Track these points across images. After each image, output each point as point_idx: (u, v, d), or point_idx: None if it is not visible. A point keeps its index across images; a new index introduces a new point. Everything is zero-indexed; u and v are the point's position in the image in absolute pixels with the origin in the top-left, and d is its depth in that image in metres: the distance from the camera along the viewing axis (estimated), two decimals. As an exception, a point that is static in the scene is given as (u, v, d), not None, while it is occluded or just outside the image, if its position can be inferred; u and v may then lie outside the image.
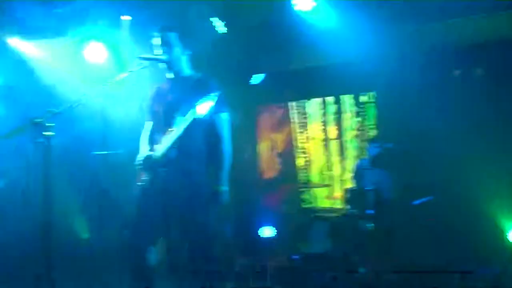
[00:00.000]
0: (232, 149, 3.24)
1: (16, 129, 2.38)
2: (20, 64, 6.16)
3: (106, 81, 2.86)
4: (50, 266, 2.44)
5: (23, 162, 5.56)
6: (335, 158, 6.72)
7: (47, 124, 2.47)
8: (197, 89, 3.16)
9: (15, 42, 6.20)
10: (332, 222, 5.09)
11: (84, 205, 6.04)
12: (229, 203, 3.24)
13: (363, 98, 6.48)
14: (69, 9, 5.52)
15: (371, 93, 6.40)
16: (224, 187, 3.15)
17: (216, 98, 3.00)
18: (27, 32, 6.00)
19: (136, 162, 3.22)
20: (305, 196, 5.72)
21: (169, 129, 3.09)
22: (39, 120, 2.45)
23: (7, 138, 2.41)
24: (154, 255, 3.18)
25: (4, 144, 5.12)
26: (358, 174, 5.72)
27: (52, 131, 2.49)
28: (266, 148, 7.47)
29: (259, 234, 6.66)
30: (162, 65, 3.24)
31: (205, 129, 3.14)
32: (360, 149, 6.33)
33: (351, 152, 6.58)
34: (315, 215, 5.31)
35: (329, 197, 6.66)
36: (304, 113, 7.10)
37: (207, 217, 3.12)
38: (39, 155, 2.49)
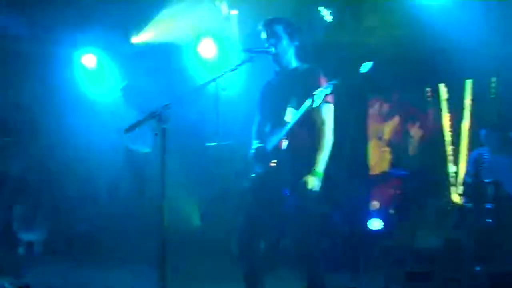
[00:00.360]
0: (334, 137, 3.17)
1: (136, 122, 2.56)
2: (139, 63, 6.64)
3: (217, 75, 2.96)
4: (164, 250, 2.58)
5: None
6: (450, 148, 6.36)
7: (163, 117, 2.62)
8: (306, 80, 3.18)
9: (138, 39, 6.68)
10: (446, 216, 4.84)
11: (196, 193, 6.37)
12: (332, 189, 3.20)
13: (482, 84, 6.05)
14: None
15: (492, 79, 5.95)
16: (320, 171, 3.08)
17: (332, 88, 2.97)
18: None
19: (249, 154, 3.31)
20: (416, 188, 5.49)
21: (281, 121, 3.15)
22: (156, 113, 2.60)
23: (128, 131, 2.58)
24: (264, 245, 3.27)
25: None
26: (476, 165, 5.38)
27: (168, 124, 2.63)
28: (375, 138, 7.28)
29: (367, 226, 6.56)
30: (270, 58, 3.26)
31: (312, 117, 3.13)
32: (478, 138, 5.91)
33: (468, 141, 6.19)
34: (427, 209, 5.07)
35: (443, 189, 6.34)
36: (417, 101, 6.80)
37: (313, 207, 3.12)
38: (157, 146, 2.66)
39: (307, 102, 2.99)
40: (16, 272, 4.51)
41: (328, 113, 3.15)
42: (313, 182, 3.05)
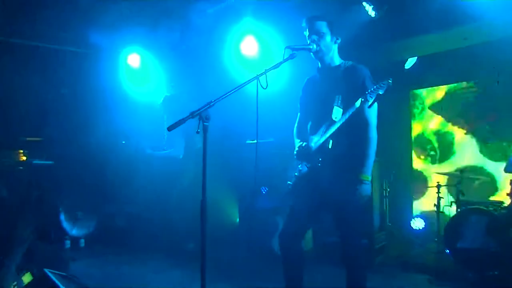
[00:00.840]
0: (377, 136, 3.13)
1: (178, 121, 2.58)
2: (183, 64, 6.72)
3: (259, 72, 2.95)
4: (204, 244, 2.62)
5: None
6: (497, 146, 6.14)
7: (205, 115, 2.65)
8: (351, 78, 3.14)
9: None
10: (491, 216, 4.66)
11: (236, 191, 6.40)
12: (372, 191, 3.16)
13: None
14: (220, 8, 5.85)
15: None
16: (369, 177, 3.06)
17: (386, 87, 2.89)
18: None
19: (294, 152, 3.29)
20: (461, 187, 5.32)
21: (325, 119, 3.12)
22: (198, 112, 2.63)
23: (170, 130, 2.62)
24: (305, 242, 3.26)
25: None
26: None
27: (209, 121, 2.66)
28: (421, 133, 7.12)
29: (410, 225, 6.45)
30: (312, 55, 3.23)
31: (355, 117, 3.06)
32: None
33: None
34: (472, 208, 4.89)
35: (489, 189, 6.14)
36: (460, 97, 6.60)
37: (360, 207, 3.09)
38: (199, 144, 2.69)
39: (358, 102, 2.93)
40: (63, 264, 4.67)
41: (372, 113, 3.10)
42: (367, 191, 3.03)
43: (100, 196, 6.81)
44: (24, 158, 6.37)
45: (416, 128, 6.97)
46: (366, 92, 2.91)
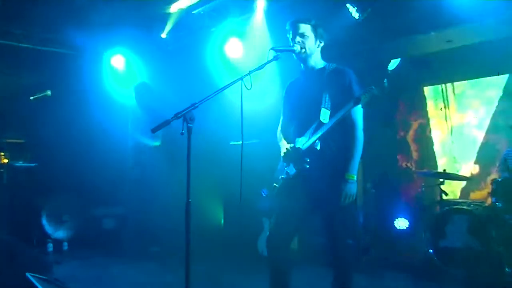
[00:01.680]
0: (364, 137, 3.15)
1: (163, 122, 2.57)
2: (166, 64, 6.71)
3: (243, 74, 2.95)
4: (189, 246, 2.62)
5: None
6: (478, 145, 6.23)
7: (189, 116, 2.64)
8: (335, 80, 3.15)
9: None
10: (473, 215, 4.73)
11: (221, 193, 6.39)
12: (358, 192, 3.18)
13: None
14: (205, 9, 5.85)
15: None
16: (354, 176, 3.07)
17: (375, 92, 2.90)
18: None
19: (281, 154, 3.29)
20: (444, 187, 5.38)
21: (311, 121, 3.13)
22: (182, 113, 2.62)
23: (154, 132, 2.60)
24: (293, 244, 3.25)
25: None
26: (507, 164, 5.24)
27: (193, 123, 2.65)
28: (404, 135, 7.18)
29: (394, 225, 6.49)
30: (295, 57, 3.24)
31: (343, 119, 3.07)
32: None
33: (497, 139, 6.03)
34: (454, 208, 4.95)
35: (471, 188, 6.21)
36: (442, 98, 6.68)
37: (346, 208, 3.10)
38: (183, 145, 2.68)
39: (351, 102, 2.95)
40: (46, 267, 4.62)
41: (358, 114, 3.13)
42: (352, 190, 3.05)
43: (84, 198, 6.76)
44: (6, 160, 6.28)
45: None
46: (359, 95, 2.93)
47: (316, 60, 3.28)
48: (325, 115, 3.08)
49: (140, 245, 5.96)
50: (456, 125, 6.40)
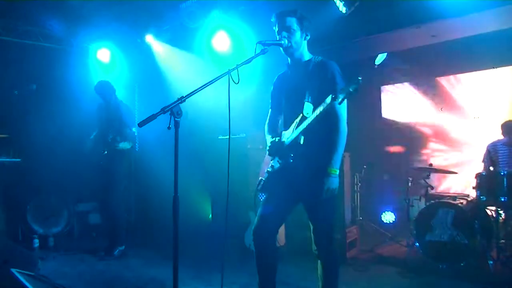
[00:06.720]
0: (347, 131, 3.13)
1: (149, 117, 2.55)
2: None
3: (229, 68, 2.93)
4: (176, 240, 2.62)
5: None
6: (464, 139, 6.29)
7: (176, 111, 2.62)
8: (321, 74, 3.13)
9: (150, 39, 6.71)
10: (458, 209, 4.77)
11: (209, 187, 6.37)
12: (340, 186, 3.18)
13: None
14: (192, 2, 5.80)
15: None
16: (336, 170, 3.06)
17: (356, 86, 2.81)
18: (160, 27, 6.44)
19: (267, 148, 3.28)
20: (428, 181, 5.42)
21: (296, 115, 3.12)
22: (169, 108, 2.60)
23: (141, 126, 2.58)
24: (278, 237, 3.25)
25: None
26: (491, 157, 5.30)
27: (180, 117, 2.63)
28: (390, 129, 7.23)
29: (381, 218, 6.56)
30: (282, 51, 3.21)
31: (326, 112, 3.00)
32: (494, 129, 5.82)
33: (483, 132, 6.11)
34: (440, 201, 5.00)
35: (456, 182, 6.29)
36: (431, 92, 6.74)
37: (328, 201, 3.10)
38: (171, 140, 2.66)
39: (328, 98, 2.88)
40: (32, 264, 4.56)
41: (342, 107, 3.09)
42: (334, 184, 3.04)
43: (70, 193, 6.70)
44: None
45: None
46: (336, 90, 2.89)
47: (302, 53, 3.27)
48: (308, 109, 3.08)
49: (128, 239, 5.91)
50: (449, 118, 6.48)
